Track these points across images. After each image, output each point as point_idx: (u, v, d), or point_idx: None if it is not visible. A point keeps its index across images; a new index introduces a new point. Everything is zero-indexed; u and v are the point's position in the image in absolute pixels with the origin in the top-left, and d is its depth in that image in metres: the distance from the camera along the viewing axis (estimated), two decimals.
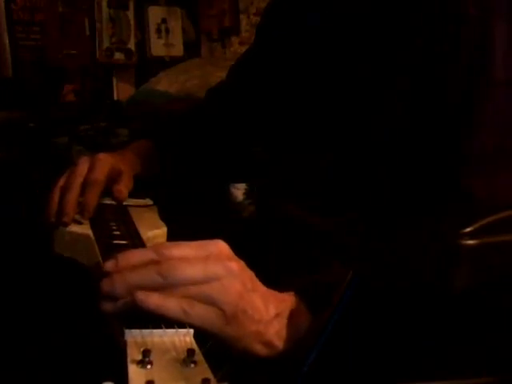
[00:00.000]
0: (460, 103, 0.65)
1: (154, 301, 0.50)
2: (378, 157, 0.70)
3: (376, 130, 0.71)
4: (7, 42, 2.27)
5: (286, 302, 0.57)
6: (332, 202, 0.74)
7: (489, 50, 0.64)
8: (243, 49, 1.08)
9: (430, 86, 0.67)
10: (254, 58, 0.98)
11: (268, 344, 0.54)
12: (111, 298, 0.52)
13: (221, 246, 0.55)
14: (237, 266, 0.53)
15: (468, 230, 0.56)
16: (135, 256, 0.54)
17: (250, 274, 0.55)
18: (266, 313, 0.54)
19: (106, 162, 0.83)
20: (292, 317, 0.56)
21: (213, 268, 0.52)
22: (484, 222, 0.57)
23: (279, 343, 0.55)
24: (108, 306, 0.52)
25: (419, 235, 0.60)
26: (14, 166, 1.67)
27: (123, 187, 0.86)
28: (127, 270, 0.52)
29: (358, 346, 0.55)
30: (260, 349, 0.54)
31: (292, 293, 0.58)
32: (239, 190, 1.21)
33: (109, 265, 0.53)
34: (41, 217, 0.77)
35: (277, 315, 0.55)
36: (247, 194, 1.17)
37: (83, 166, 0.81)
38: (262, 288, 0.56)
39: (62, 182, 0.80)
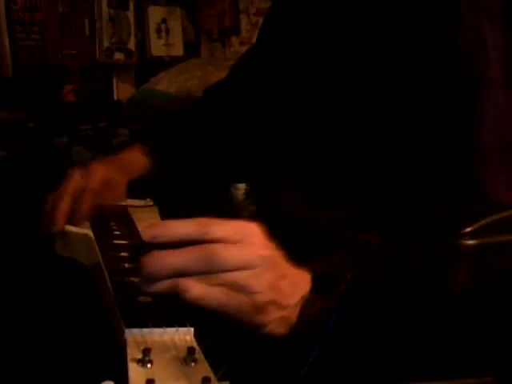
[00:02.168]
0: (455, 92, 0.66)
1: (195, 292, 0.50)
2: (378, 155, 0.71)
3: (376, 128, 0.71)
4: (7, 42, 2.27)
5: (307, 282, 0.57)
6: (332, 199, 0.74)
7: (483, 50, 0.65)
8: (243, 49, 1.08)
9: (426, 84, 0.68)
10: (255, 58, 0.98)
11: (290, 325, 0.55)
12: (152, 278, 0.51)
13: (255, 231, 0.54)
14: (269, 253, 0.53)
15: (468, 229, 0.56)
16: (176, 230, 0.52)
17: (280, 259, 0.55)
18: (293, 298, 0.55)
19: (99, 172, 0.84)
20: (312, 298, 0.56)
21: (248, 257, 0.52)
22: (484, 222, 0.57)
23: (299, 324, 0.55)
24: (149, 287, 0.51)
25: (419, 235, 0.60)
26: (14, 165, 1.67)
27: (121, 191, 0.88)
28: (170, 252, 0.51)
29: (358, 345, 0.55)
30: (283, 331, 0.55)
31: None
32: (239, 190, 1.21)
33: (149, 233, 0.52)
34: (39, 224, 0.78)
35: (302, 297, 0.55)
36: (247, 193, 1.17)
37: (76, 176, 0.82)
38: (291, 271, 0.55)
39: (55, 193, 0.81)
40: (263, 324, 0.53)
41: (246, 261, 0.52)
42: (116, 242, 0.71)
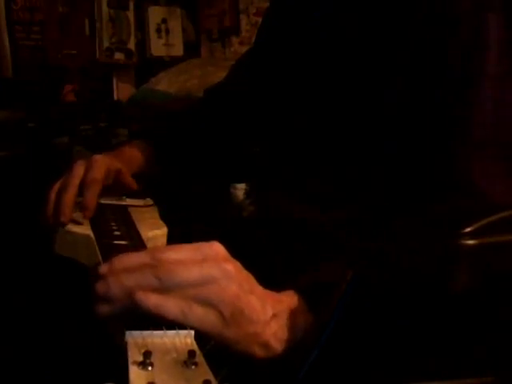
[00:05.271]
0: (455, 92, 0.66)
1: (153, 301, 0.49)
2: (378, 155, 0.71)
3: (376, 127, 0.71)
4: (7, 42, 2.28)
5: (283, 302, 0.56)
6: (332, 198, 0.74)
7: (483, 43, 0.65)
8: (243, 49, 1.08)
9: (426, 84, 0.68)
10: (254, 58, 0.98)
11: (266, 345, 0.54)
12: (107, 300, 0.51)
13: (216, 248, 0.54)
14: (233, 267, 0.53)
15: (468, 229, 0.56)
16: (130, 259, 0.53)
17: (246, 275, 0.55)
18: (263, 314, 0.54)
19: (102, 162, 0.84)
20: (290, 317, 0.56)
21: (209, 270, 0.52)
22: (484, 222, 0.57)
23: (277, 344, 0.55)
24: (104, 309, 0.51)
25: (419, 235, 0.60)
26: (14, 165, 1.67)
27: (130, 179, 0.88)
28: (123, 273, 0.51)
29: (359, 345, 0.55)
30: (258, 350, 0.54)
31: (291, 292, 0.58)
32: (239, 190, 1.21)
33: (103, 268, 0.53)
34: (39, 218, 0.78)
35: (274, 315, 0.55)
36: (247, 193, 1.17)
37: (80, 167, 0.82)
38: (259, 289, 0.55)
39: (58, 184, 0.81)
40: (235, 338, 0.52)
41: (207, 274, 0.51)
42: (116, 242, 0.71)
